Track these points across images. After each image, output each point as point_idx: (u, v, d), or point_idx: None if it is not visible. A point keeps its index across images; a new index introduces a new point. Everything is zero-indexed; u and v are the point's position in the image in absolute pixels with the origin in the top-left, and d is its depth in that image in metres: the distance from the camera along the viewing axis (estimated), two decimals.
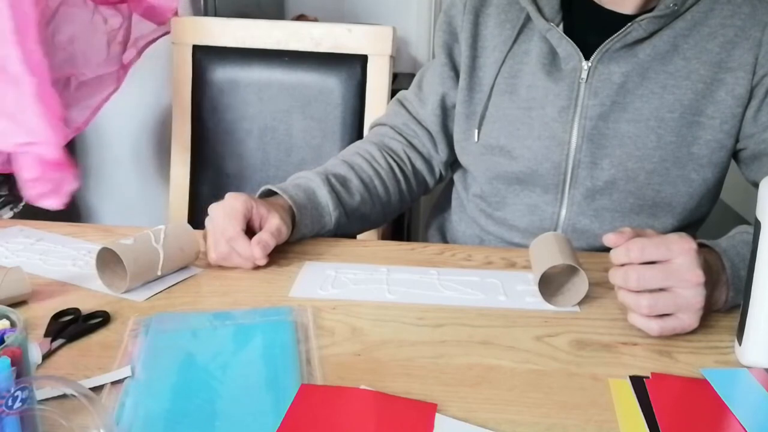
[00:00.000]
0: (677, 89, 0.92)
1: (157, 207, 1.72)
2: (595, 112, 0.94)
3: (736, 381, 0.63)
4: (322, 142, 1.37)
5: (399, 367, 0.64)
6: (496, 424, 0.56)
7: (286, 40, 1.37)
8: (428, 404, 0.58)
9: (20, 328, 0.49)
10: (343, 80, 1.35)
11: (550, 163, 0.96)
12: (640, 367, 0.65)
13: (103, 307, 0.73)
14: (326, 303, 0.76)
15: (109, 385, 0.59)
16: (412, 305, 0.76)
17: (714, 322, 0.73)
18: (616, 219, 0.97)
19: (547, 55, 0.96)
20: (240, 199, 0.84)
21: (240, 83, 1.38)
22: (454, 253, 0.92)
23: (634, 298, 0.68)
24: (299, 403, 0.57)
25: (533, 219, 1.00)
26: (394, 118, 1.10)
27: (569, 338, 0.70)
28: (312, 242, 0.94)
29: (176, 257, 0.82)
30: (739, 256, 0.74)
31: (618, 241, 0.70)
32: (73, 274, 0.82)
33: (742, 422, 0.57)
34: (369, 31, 1.36)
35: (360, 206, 1.00)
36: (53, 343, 0.66)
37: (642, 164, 0.94)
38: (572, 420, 0.57)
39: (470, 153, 1.03)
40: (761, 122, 0.92)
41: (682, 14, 0.93)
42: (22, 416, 0.45)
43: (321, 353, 0.66)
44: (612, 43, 0.92)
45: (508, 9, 0.99)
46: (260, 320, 0.71)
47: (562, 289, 0.79)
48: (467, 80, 1.01)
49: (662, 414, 0.57)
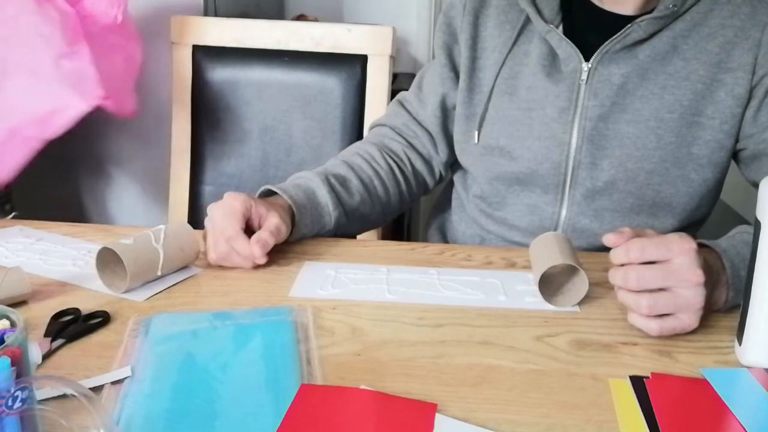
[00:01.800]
0: (677, 90, 0.92)
1: (157, 207, 1.72)
2: (595, 113, 0.94)
3: (736, 381, 0.63)
4: (322, 142, 1.37)
5: (399, 367, 0.64)
6: (496, 424, 0.56)
7: (286, 40, 1.37)
8: (428, 404, 0.58)
9: (20, 328, 0.49)
10: (343, 80, 1.35)
11: (550, 164, 0.96)
12: (640, 367, 0.65)
13: (103, 307, 0.73)
14: (326, 303, 0.76)
15: (109, 385, 0.59)
16: (412, 305, 0.76)
17: (714, 322, 0.73)
18: (616, 219, 0.98)
19: (546, 56, 0.96)
20: (239, 199, 0.84)
21: (240, 83, 1.38)
22: (454, 253, 0.92)
23: (634, 298, 0.68)
24: (299, 403, 0.57)
25: (533, 219, 1.00)
26: (394, 119, 1.10)
27: (569, 338, 0.70)
28: (312, 242, 0.94)
29: (176, 257, 0.82)
30: (739, 256, 0.74)
31: (618, 241, 0.70)
32: (73, 274, 0.82)
33: (742, 422, 0.57)
34: (369, 31, 1.36)
35: (360, 206, 1.00)
36: (53, 343, 0.66)
37: (642, 164, 0.94)
38: (572, 420, 0.57)
39: (470, 154, 1.04)
40: (761, 122, 0.92)
41: (682, 15, 0.93)
42: (22, 416, 0.45)
43: (321, 353, 0.66)
44: (612, 45, 0.92)
45: (508, 10, 0.99)
46: (260, 320, 0.71)
47: (562, 289, 0.79)
48: (467, 81, 1.01)
49: (662, 414, 0.57)
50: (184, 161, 1.42)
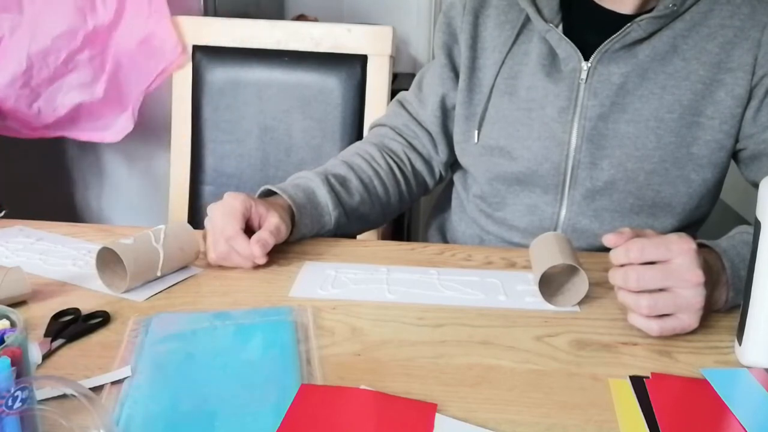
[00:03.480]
0: (677, 90, 0.92)
1: (157, 207, 1.72)
2: (595, 113, 0.94)
3: (736, 381, 0.63)
4: (321, 142, 1.37)
5: (399, 367, 0.64)
6: (496, 424, 0.56)
7: (286, 40, 1.37)
8: (428, 404, 0.58)
9: (20, 328, 0.49)
10: (343, 80, 1.35)
11: (550, 164, 0.96)
12: (640, 367, 0.65)
13: (103, 307, 0.73)
14: (326, 303, 0.76)
15: (109, 385, 0.59)
16: (412, 305, 0.76)
17: (714, 322, 0.73)
18: (615, 219, 0.98)
19: (546, 56, 0.96)
20: (239, 199, 0.84)
21: (240, 83, 1.38)
22: (454, 253, 0.92)
23: (634, 298, 0.68)
24: (299, 403, 0.57)
25: (533, 219, 1.00)
26: (394, 119, 1.10)
27: (569, 338, 0.70)
28: (312, 242, 0.94)
29: (176, 257, 0.82)
30: (739, 256, 0.74)
31: (617, 241, 0.70)
32: (73, 274, 0.82)
33: (742, 422, 0.57)
34: (369, 31, 1.36)
35: (359, 206, 1.00)
36: (53, 343, 0.66)
37: (641, 165, 0.94)
38: (572, 420, 0.57)
39: (470, 154, 1.04)
40: (761, 122, 0.92)
41: (682, 15, 0.93)
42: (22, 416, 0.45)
43: (321, 353, 0.66)
44: (611, 44, 0.92)
45: (508, 10, 0.99)
46: (260, 320, 0.71)
47: (562, 289, 0.79)
48: (467, 81, 1.01)
49: (662, 414, 0.57)
50: (184, 161, 1.42)
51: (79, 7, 1.39)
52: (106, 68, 1.46)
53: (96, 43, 1.43)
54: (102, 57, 1.45)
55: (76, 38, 1.40)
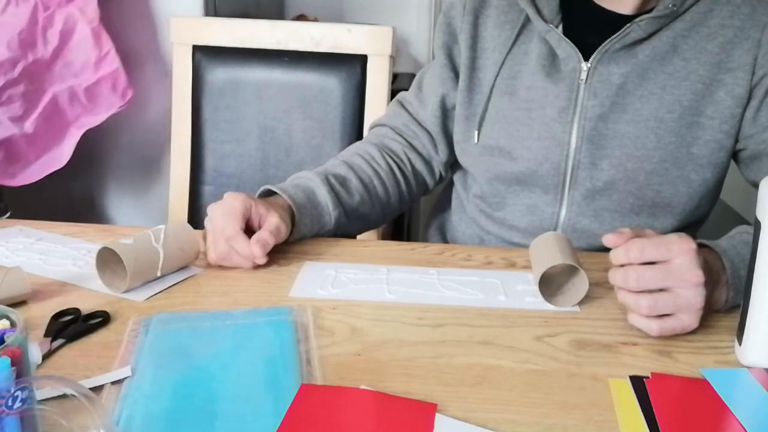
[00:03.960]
0: (676, 90, 0.92)
1: (157, 207, 1.72)
2: (595, 113, 0.94)
3: (736, 381, 0.63)
4: (321, 142, 1.37)
5: (399, 367, 0.64)
6: (496, 424, 0.56)
7: (286, 40, 1.37)
8: (428, 404, 0.58)
9: (20, 328, 0.49)
10: (343, 80, 1.35)
11: (550, 164, 0.96)
12: (640, 367, 0.65)
13: (103, 307, 0.73)
14: (326, 303, 0.76)
15: (109, 385, 0.59)
16: (412, 305, 0.76)
17: (714, 322, 0.73)
18: (615, 219, 0.98)
19: (546, 56, 0.96)
20: (239, 199, 0.84)
21: (240, 83, 1.38)
22: (454, 253, 0.92)
23: (634, 298, 0.68)
24: (299, 403, 0.57)
25: (533, 219, 1.00)
26: (394, 119, 1.10)
27: (569, 338, 0.70)
28: (312, 242, 0.94)
29: (176, 257, 0.82)
30: (739, 256, 0.74)
31: (617, 241, 0.70)
32: (73, 274, 0.82)
33: (742, 422, 0.57)
34: (369, 31, 1.36)
35: (359, 206, 1.00)
36: (53, 343, 0.66)
37: (641, 165, 0.94)
38: (572, 420, 0.57)
39: (470, 154, 1.04)
40: (761, 122, 0.92)
41: (681, 15, 0.93)
42: (22, 416, 0.45)
43: (321, 353, 0.66)
44: (611, 44, 0.92)
45: (508, 10, 0.99)
46: (260, 320, 0.71)
47: (562, 289, 0.79)
48: (467, 81, 1.01)
49: (662, 414, 0.57)
50: (184, 161, 1.42)
51: (22, 38, 1.37)
52: (39, 105, 1.43)
53: (34, 77, 1.40)
54: (37, 93, 1.42)
55: (14, 70, 1.38)
